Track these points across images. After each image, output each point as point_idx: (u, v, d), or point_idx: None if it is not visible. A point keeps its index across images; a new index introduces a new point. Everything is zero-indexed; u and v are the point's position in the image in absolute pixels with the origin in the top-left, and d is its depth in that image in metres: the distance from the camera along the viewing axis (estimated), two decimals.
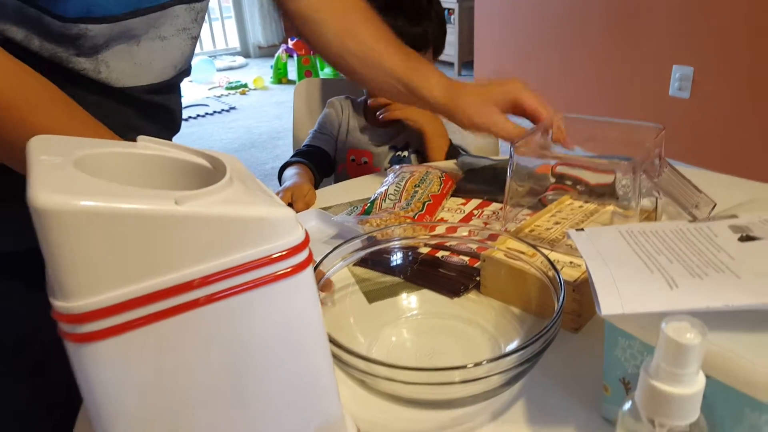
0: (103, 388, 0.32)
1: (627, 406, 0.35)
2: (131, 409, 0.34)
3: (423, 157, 1.21)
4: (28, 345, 0.69)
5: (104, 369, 0.32)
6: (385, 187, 0.88)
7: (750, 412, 0.37)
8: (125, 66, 0.63)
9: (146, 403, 0.34)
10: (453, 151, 1.18)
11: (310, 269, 0.37)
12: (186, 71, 0.75)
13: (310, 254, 0.37)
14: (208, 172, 0.39)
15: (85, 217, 0.28)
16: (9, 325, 0.68)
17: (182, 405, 0.35)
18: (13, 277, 0.67)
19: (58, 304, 0.30)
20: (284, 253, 0.35)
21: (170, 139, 0.76)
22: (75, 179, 0.31)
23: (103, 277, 0.30)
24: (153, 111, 0.70)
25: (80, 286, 0.30)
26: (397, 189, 0.86)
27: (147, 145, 0.38)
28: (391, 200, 0.84)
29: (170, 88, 0.73)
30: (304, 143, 1.26)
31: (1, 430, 0.76)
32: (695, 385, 0.30)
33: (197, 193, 0.31)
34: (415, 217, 0.80)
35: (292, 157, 1.19)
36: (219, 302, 0.34)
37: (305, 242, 0.36)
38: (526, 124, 0.81)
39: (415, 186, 0.87)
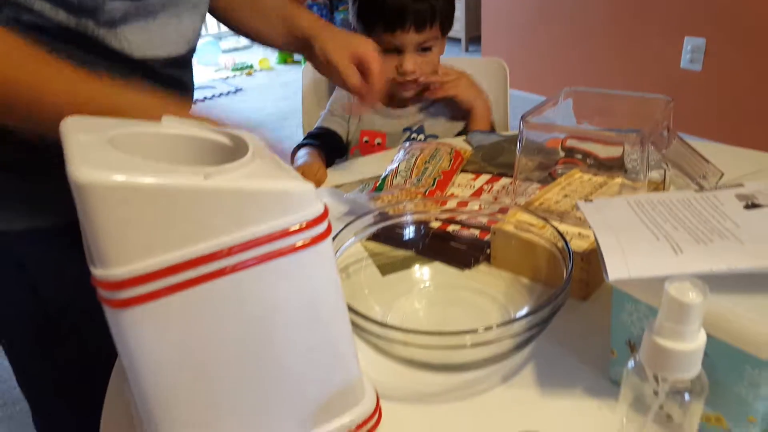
0: (139, 350, 0.35)
1: (632, 363, 0.37)
2: (166, 369, 0.36)
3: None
4: (60, 316, 0.72)
5: (140, 332, 0.35)
6: (396, 164, 0.89)
7: (750, 369, 0.39)
8: (143, 41, 0.66)
9: (179, 364, 0.36)
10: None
11: (329, 240, 0.39)
12: (194, 48, 0.78)
13: (330, 226, 0.39)
14: (230, 149, 0.41)
15: (122, 191, 0.31)
16: (42, 300, 0.71)
17: (211, 366, 0.38)
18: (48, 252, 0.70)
19: (98, 272, 0.32)
20: (305, 224, 0.37)
21: None
22: (111, 156, 0.33)
23: (139, 246, 0.32)
24: (170, 84, 0.73)
25: (118, 255, 0.32)
26: (408, 166, 0.88)
27: (172, 125, 0.40)
28: (402, 177, 0.85)
29: (184, 63, 0.77)
30: (315, 125, 1.27)
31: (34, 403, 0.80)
32: (696, 341, 0.32)
33: (223, 168, 0.34)
34: (426, 193, 0.82)
35: (304, 139, 1.21)
36: (244, 271, 0.36)
37: (325, 214, 0.38)
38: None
39: (425, 162, 0.88)
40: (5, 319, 0.73)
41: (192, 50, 0.77)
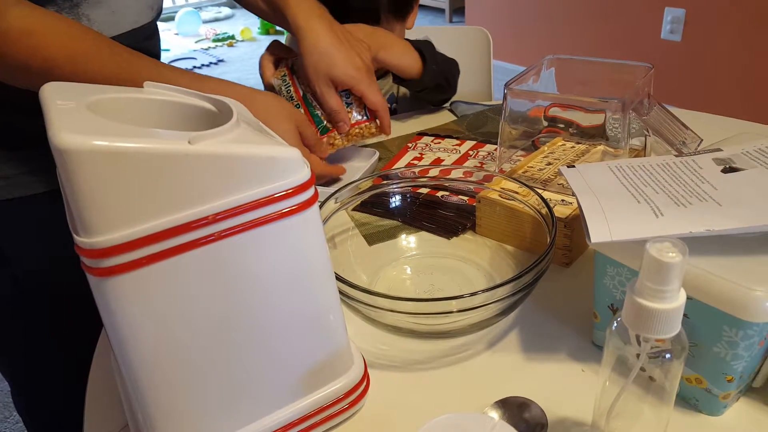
0: (124, 318, 0.34)
1: (614, 325, 0.37)
2: (151, 337, 0.36)
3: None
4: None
5: (125, 301, 0.34)
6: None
7: (728, 329, 0.40)
8: (104, 15, 0.65)
9: (164, 332, 0.36)
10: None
11: (315, 206, 0.39)
12: (160, 10, 0.77)
13: (316, 192, 0.39)
14: (214, 115, 0.40)
15: (105, 156, 0.30)
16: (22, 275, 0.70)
17: (197, 334, 0.38)
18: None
19: (81, 240, 0.32)
20: (291, 190, 0.37)
21: None
22: (92, 121, 0.32)
23: (123, 213, 0.32)
24: None
25: (102, 222, 0.31)
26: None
27: (154, 90, 0.40)
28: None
29: (152, 32, 0.76)
30: None
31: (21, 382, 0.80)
32: (676, 300, 0.33)
33: (208, 133, 0.33)
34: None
35: None
36: (231, 238, 0.36)
37: (311, 180, 0.38)
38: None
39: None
40: None
41: (158, 16, 0.76)
